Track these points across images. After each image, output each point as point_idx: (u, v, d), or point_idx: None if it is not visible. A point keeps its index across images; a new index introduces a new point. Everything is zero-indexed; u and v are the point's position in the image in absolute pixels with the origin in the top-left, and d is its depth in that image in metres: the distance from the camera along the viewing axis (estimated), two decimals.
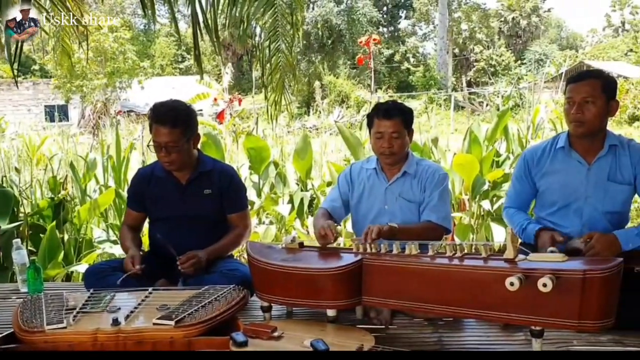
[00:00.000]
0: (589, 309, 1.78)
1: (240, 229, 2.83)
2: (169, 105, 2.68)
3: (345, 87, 26.71)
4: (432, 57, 37.11)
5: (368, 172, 2.73)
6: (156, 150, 2.68)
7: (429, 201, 2.60)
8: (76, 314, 2.23)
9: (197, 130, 2.77)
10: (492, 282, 1.90)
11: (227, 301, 2.28)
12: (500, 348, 2.10)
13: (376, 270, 2.13)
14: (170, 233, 2.74)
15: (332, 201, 2.75)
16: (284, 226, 4.59)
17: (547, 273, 1.79)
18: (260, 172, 4.78)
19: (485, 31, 37.95)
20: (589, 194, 2.44)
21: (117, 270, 2.65)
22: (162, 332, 2.10)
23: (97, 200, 3.99)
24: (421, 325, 2.33)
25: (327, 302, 2.17)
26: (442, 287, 2.00)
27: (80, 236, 4.01)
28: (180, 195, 2.77)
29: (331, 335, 2.03)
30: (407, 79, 33.86)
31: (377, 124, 2.60)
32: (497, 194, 4.75)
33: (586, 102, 2.36)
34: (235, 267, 2.66)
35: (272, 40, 4.26)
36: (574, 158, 2.48)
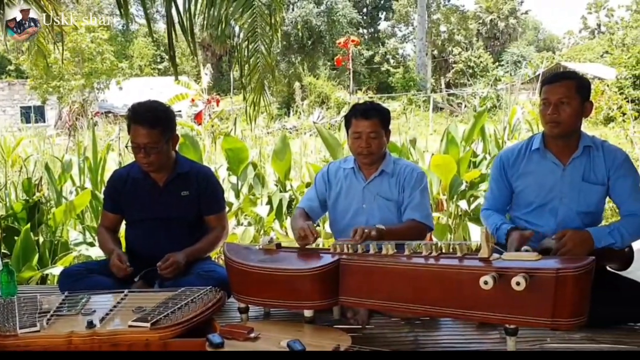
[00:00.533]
0: (562, 307, 1.80)
1: (218, 230, 2.82)
2: (148, 106, 2.66)
3: (325, 88, 26.72)
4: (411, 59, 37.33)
5: (345, 172, 2.74)
6: (134, 151, 2.65)
7: (410, 200, 2.61)
8: (50, 317, 2.20)
9: (175, 131, 2.76)
10: (467, 281, 1.92)
11: (204, 303, 2.27)
12: (476, 347, 2.12)
13: (353, 271, 2.14)
14: (147, 235, 2.73)
15: (309, 200, 2.75)
16: (263, 227, 4.58)
17: (520, 272, 1.82)
18: (239, 173, 4.76)
19: (464, 33, 38.30)
20: (563, 194, 2.47)
21: (93, 272, 2.63)
22: (138, 334, 2.08)
23: (72, 202, 3.94)
24: (398, 325, 2.34)
25: (304, 303, 2.17)
26: (418, 286, 2.01)
27: (56, 238, 3.95)
28: (157, 197, 2.74)
29: (308, 336, 2.03)
30: (387, 80, 33.99)
31: (355, 124, 2.61)
32: (474, 194, 4.79)
33: (561, 102, 2.38)
34: (212, 268, 2.65)
35: (251, 41, 4.24)
36: (549, 159, 2.50)
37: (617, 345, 2.08)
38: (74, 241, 3.98)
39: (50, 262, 3.77)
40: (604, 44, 35.56)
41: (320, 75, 29.94)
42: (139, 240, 2.78)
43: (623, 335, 2.16)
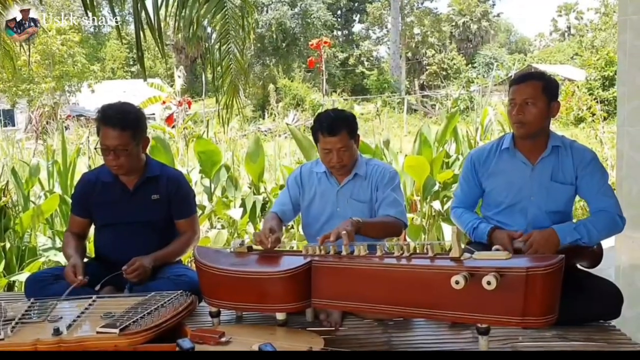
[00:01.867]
0: (533, 306, 1.81)
1: (189, 234, 2.77)
2: (118, 108, 2.61)
3: (300, 90, 26.73)
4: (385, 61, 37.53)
5: (318, 176, 2.71)
6: (103, 153, 2.60)
7: (384, 198, 2.59)
8: (15, 325, 2.14)
9: (146, 133, 2.71)
10: (438, 281, 1.91)
11: (174, 307, 2.23)
12: (449, 346, 2.12)
13: (325, 272, 2.12)
14: (116, 240, 2.68)
15: (282, 205, 2.72)
16: (236, 230, 4.54)
17: (491, 271, 1.82)
18: (212, 176, 4.72)
19: (437, 35, 38.61)
20: (533, 193, 2.48)
21: (59, 278, 2.56)
22: (106, 341, 2.03)
23: (40, 206, 3.85)
24: (371, 326, 2.33)
25: (276, 306, 2.15)
26: (390, 287, 2.00)
27: (23, 244, 3.86)
28: (127, 201, 2.69)
29: (280, 339, 2.01)
30: (361, 82, 34.11)
31: (323, 140, 2.56)
32: (447, 195, 4.82)
33: (527, 103, 2.39)
34: (183, 272, 2.61)
35: (223, 43, 4.21)
36: (518, 158, 2.52)
37: (588, 343, 2.09)
38: (42, 247, 3.89)
39: (17, 268, 3.68)
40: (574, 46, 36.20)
41: (295, 77, 29.93)
42: (108, 245, 2.73)
43: (593, 333, 2.18)
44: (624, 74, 3.35)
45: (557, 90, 2.48)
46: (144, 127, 2.70)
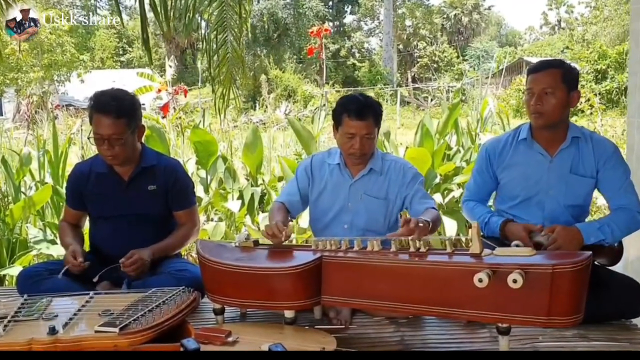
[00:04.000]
0: (559, 305, 1.72)
1: (188, 226, 2.65)
2: (112, 94, 2.47)
3: (292, 81, 26.52)
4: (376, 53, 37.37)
5: (331, 167, 2.58)
6: (97, 143, 2.47)
7: (415, 193, 2.46)
8: (7, 323, 2.02)
9: (141, 121, 2.58)
10: (458, 278, 1.82)
11: (177, 304, 2.12)
12: (466, 346, 2.03)
13: (336, 268, 2.02)
14: (112, 232, 2.56)
15: (289, 195, 2.60)
16: (234, 223, 4.42)
17: (515, 268, 1.72)
18: (208, 167, 4.59)
19: (429, 27, 38.50)
20: (550, 186, 2.39)
21: (54, 273, 2.44)
22: (105, 340, 1.92)
23: (32, 197, 3.71)
24: (382, 324, 2.24)
25: (284, 303, 2.04)
26: (406, 284, 1.90)
27: (14, 236, 3.72)
28: (122, 193, 2.57)
29: (290, 339, 1.91)
30: (352, 74, 33.94)
31: (348, 123, 2.42)
32: (448, 187, 4.73)
33: (545, 93, 2.29)
34: (184, 267, 2.49)
35: (219, 32, 4.07)
36: (535, 150, 2.42)
37: (610, 343, 2.01)
38: (33, 239, 3.75)
39: (8, 261, 3.55)
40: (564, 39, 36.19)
41: (287, 68, 29.72)
42: (104, 238, 2.61)
43: (615, 332, 2.10)
44: (636, 64, 3.26)
45: (577, 78, 2.38)
46: (140, 114, 2.58)
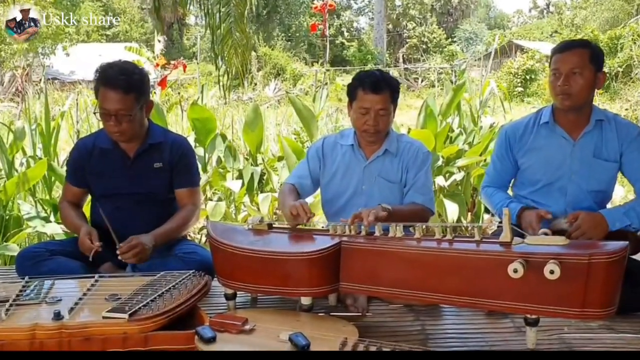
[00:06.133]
0: (593, 296, 1.65)
1: (189, 207, 2.52)
2: (120, 67, 2.33)
3: (281, 59, 26.19)
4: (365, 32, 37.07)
5: (343, 149, 2.48)
6: (104, 118, 2.34)
7: (414, 182, 2.40)
8: (9, 307, 1.91)
9: (149, 96, 2.46)
10: (488, 267, 1.74)
11: (188, 289, 2.02)
12: (490, 337, 1.96)
13: (356, 254, 1.93)
14: (115, 211, 2.44)
15: (300, 177, 2.50)
16: (234, 203, 4.31)
17: (550, 258, 1.65)
18: (206, 145, 4.46)
19: (419, 8, 38.24)
20: (573, 171, 2.32)
21: (55, 253, 2.33)
22: (114, 327, 1.82)
23: (26, 173, 3.57)
24: (400, 312, 2.16)
25: (302, 290, 1.95)
26: (431, 273, 1.82)
27: (7, 213, 3.59)
28: (127, 170, 2.45)
29: (309, 327, 1.82)
30: (340, 53, 33.64)
31: (362, 97, 2.33)
32: (450, 170, 4.65)
33: (573, 73, 2.22)
34: (193, 249, 2.39)
35: (223, 4, 3.92)
36: (558, 134, 2.34)
37: (638, 335, 1.95)
38: (26, 215, 3.61)
39: (1, 239, 3.42)
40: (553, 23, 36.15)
41: (276, 46, 29.36)
42: (106, 216, 2.49)
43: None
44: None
45: (603, 59, 2.30)
46: (149, 89, 2.46)
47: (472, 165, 4.52)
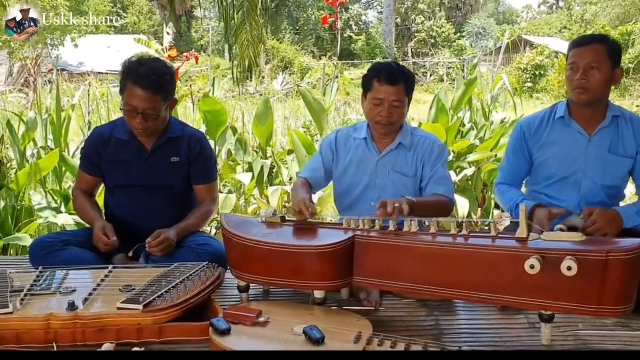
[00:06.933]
0: (610, 294, 1.64)
1: (208, 204, 2.54)
2: (151, 67, 2.31)
3: (289, 53, 26.13)
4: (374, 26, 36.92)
5: (357, 142, 2.47)
6: (129, 115, 2.32)
7: (432, 175, 2.38)
8: (24, 297, 1.92)
9: (175, 94, 2.46)
10: (504, 263, 1.73)
11: (202, 281, 2.03)
12: (504, 332, 1.95)
13: (371, 249, 1.92)
14: (130, 203, 2.45)
15: (313, 171, 2.49)
16: (244, 195, 4.31)
17: (567, 254, 1.64)
18: (217, 138, 4.46)
19: (428, 2, 38.03)
20: (588, 166, 2.32)
21: (69, 244, 2.33)
22: (128, 318, 1.83)
23: (38, 163, 3.57)
24: (413, 307, 2.15)
25: (315, 283, 1.95)
26: (446, 268, 1.81)
27: (19, 204, 3.60)
28: (144, 162, 2.44)
29: (322, 321, 1.82)
30: (348, 47, 33.53)
31: (377, 89, 2.31)
32: (461, 165, 4.63)
33: (591, 67, 2.21)
34: (206, 241, 2.39)
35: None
36: (574, 129, 2.34)
37: None
38: (37, 206, 3.62)
39: (13, 229, 3.43)
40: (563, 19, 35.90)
41: (284, 39, 29.30)
42: (120, 208, 2.49)
43: None
44: None
45: (620, 55, 2.30)
46: (175, 88, 2.45)
47: (483, 161, 4.51)
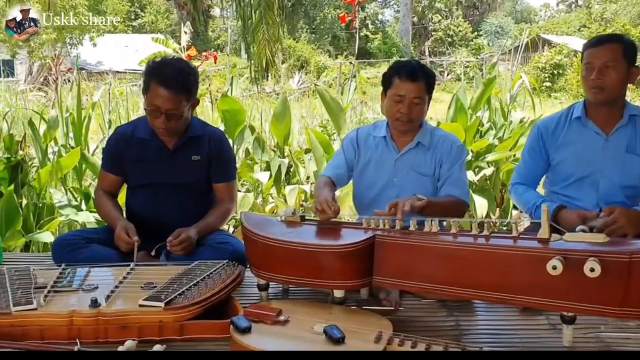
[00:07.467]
0: (633, 295, 1.62)
1: (227, 203, 2.56)
2: (176, 67, 2.34)
3: (305, 51, 26.17)
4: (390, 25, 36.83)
5: (376, 140, 2.47)
6: (151, 114, 2.35)
7: (448, 175, 2.38)
8: (47, 294, 1.95)
9: (197, 94, 2.48)
10: (526, 263, 1.72)
11: (222, 279, 2.04)
12: (524, 333, 1.93)
13: (391, 249, 1.92)
14: (151, 202, 2.48)
15: (335, 168, 2.50)
16: (261, 194, 4.33)
17: (590, 255, 1.62)
18: (235, 137, 4.48)
19: (445, 1, 37.87)
20: (605, 166, 2.31)
21: (91, 241, 2.36)
22: (150, 315, 1.85)
23: (59, 161, 3.62)
24: (433, 307, 2.14)
25: (335, 282, 1.95)
26: (467, 268, 1.80)
27: (40, 201, 3.64)
28: (165, 161, 2.47)
29: (342, 320, 1.82)
30: (365, 46, 33.50)
31: (398, 85, 2.32)
32: (480, 165, 4.61)
33: (606, 67, 2.21)
34: (226, 239, 2.40)
35: None
36: (590, 128, 2.34)
37: None
38: (58, 204, 3.67)
39: (34, 227, 3.47)
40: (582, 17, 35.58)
41: (300, 38, 29.34)
42: (141, 206, 2.52)
43: None
44: None
45: (636, 54, 2.29)
46: (197, 88, 2.47)
47: (502, 161, 4.49)
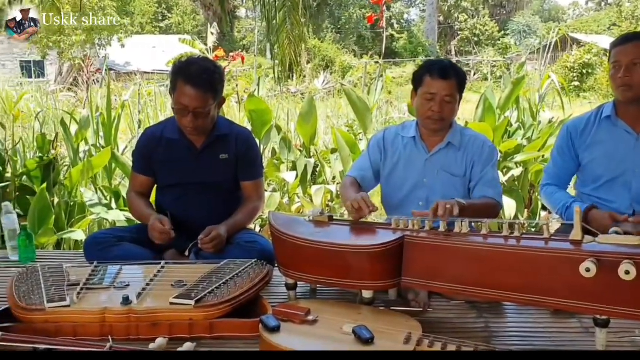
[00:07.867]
0: None
1: (255, 200, 2.58)
2: (202, 66, 2.37)
3: (330, 51, 26.16)
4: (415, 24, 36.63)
5: (405, 141, 2.46)
6: (179, 113, 2.38)
7: (482, 176, 2.36)
8: (80, 291, 1.98)
9: (223, 92, 2.51)
10: (558, 265, 1.69)
11: (251, 278, 2.06)
12: (557, 337, 1.91)
13: (421, 250, 1.91)
14: (181, 201, 2.50)
15: (361, 170, 2.49)
16: (287, 194, 4.35)
17: (624, 258, 1.60)
18: (261, 136, 4.50)
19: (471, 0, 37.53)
20: (637, 165, 2.27)
21: (123, 240, 2.40)
22: (180, 313, 1.87)
23: (91, 160, 3.68)
24: (462, 308, 2.13)
25: (364, 283, 1.95)
26: (497, 270, 1.78)
27: (72, 200, 3.71)
28: (193, 161, 2.50)
29: (371, 320, 1.81)
30: (390, 45, 33.36)
31: (429, 83, 2.30)
32: (508, 166, 4.56)
33: (634, 64, 2.18)
34: (254, 239, 2.42)
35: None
36: (620, 127, 2.31)
37: None
38: (89, 202, 3.73)
39: (66, 225, 3.53)
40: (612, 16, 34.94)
41: (325, 38, 29.34)
42: (170, 206, 2.54)
43: None
44: None
45: None
46: (224, 86, 2.49)
47: (531, 161, 4.43)
